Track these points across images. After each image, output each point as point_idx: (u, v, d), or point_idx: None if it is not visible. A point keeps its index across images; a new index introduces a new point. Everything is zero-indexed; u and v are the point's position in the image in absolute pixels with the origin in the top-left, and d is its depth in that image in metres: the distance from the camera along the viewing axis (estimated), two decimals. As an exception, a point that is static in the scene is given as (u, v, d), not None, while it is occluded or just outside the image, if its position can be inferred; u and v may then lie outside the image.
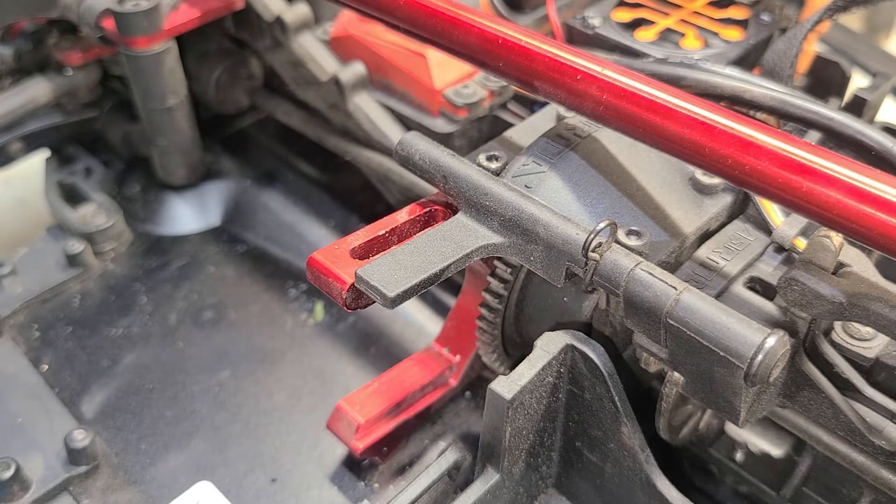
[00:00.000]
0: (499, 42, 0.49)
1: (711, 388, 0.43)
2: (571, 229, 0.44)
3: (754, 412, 0.44)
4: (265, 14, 0.76)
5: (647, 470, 0.49)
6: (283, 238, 0.79)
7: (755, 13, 0.73)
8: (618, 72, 0.45)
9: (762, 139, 0.40)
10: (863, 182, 0.38)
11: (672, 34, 0.71)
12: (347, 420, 0.59)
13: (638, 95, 0.44)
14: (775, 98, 0.52)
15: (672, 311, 0.41)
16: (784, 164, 0.39)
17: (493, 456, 0.49)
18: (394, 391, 0.60)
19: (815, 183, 0.39)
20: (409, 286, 0.43)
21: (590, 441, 0.51)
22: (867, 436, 0.43)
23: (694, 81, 0.54)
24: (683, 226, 0.50)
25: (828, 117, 0.51)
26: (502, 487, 0.50)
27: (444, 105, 0.69)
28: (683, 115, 0.43)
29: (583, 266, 0.44)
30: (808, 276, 0.42)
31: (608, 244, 0.44)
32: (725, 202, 0.52)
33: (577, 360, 0.48)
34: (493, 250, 0.47)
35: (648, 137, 0.44)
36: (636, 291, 0.42)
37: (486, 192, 0.47)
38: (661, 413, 0.48)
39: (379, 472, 0.59)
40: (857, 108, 0.64)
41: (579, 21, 0.72)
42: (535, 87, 0.48)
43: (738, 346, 0.39)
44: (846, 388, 0.44)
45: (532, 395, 0.48)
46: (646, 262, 0.43)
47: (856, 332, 0.45)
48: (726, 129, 0.41)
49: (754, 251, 0.50)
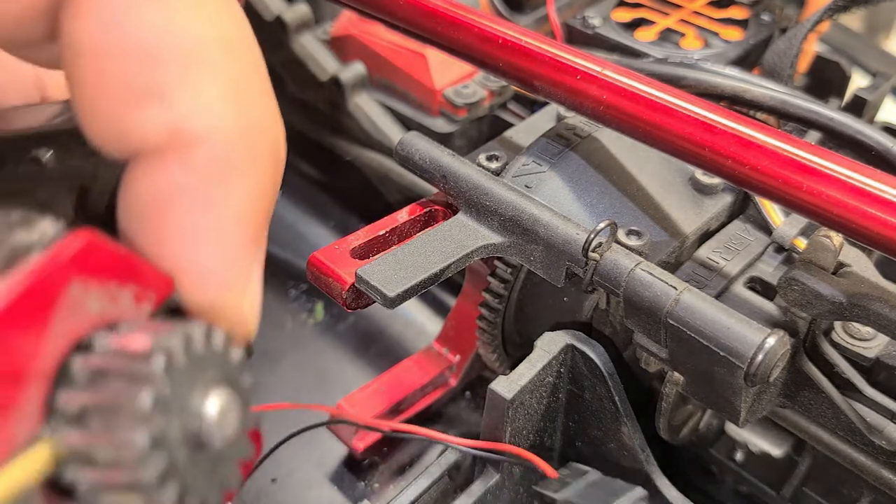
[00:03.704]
0: (499, 42, 0.49)
1: (711, 388, 0.43)
2: (571, 229, 0.44)
3: (754, 412, 0.44)
4: (265, 13, 0.76)
5: (647, 470, 0.49)
6: (283, 238, 0.79)
7: (755, 13, 0.73)
8: (618, 72, 0.45)
9: (762, 139, 0.40)
10: (863, 182, 0.38)
11: (672, 34, 0.71)
12: (347, 420, 0.59)
13: (638, 95, 0.44)
14: (775, 98, 0.52)
15: (672, 310, 0.41)
16: (784, 163, 0.39)
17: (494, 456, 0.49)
18: (394, 391, 0.60)
19: (815, 183, 0.39)
20: (409, 286, 0.43)
21: (590, 441, 0.51)
22: (867, 436, 0.43)
23: (694, 81, 0.54)
24: (683, 226, 0.50)
25: (828, 117, 0.51)
26: (502, 487, 0.50)
27: (443, 105, 0.69)
28: (683, 114, 0.43)
29: (583, 266, 0.44)
30: (809, 276, 0.42)
31: (608, 244, 0.44)
32: (725, 202, 0.52)
33: (577, 360, 0.48)
34: (493, 250, 0.47)
35: (648, 137, 0.44)
36: (636, 291, 0.42)
37: (486, 191, 0.47)
38: (661, 413, 0.48)
39: (379, 472, 0.59)
40: (857, 108, 0.64)
41: (579, 21, 0.72)
42: (534, 86, 0.48)
43: (738, 346, 0.39)
44: (846, 388, 0.44)
45: (532, 395, 0.48)
46: (646, 262, 0.43)
47: (856, 332, 0.45)
48: (726, 128, 0.41)
49: (754, 251, 0.50)
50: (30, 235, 0.24)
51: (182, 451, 0.22)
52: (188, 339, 0.23)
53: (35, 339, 0.22)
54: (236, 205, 0.25)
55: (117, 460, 0.21)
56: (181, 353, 0.22)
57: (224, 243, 0.26)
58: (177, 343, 0.22)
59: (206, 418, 0.22)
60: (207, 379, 0.23)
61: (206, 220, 0.25)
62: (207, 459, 0.23)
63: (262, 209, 0.26)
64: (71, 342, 0.23)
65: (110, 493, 0.22)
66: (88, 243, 0.23)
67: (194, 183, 0.25)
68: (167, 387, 0.22)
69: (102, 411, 0.22)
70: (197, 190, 0.25)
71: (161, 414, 0.21)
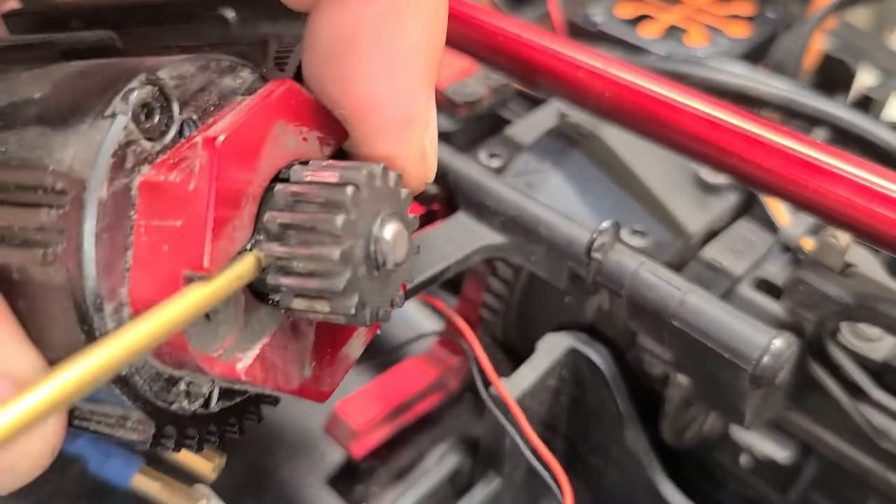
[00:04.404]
0: (500, 38, 0.48)
1: (717, 391, 0.42)
2: (574, 229, 0.44)
3: (760, 415, 0.44)
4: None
5: (650, 474, 0.48)
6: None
7: (761, 9, 0.72)
8: (621, 68, 0.45)
9: (768, 137, 0.40)
10: (870, 180, 0.37)
11: (676, 30, 0.70)
12: (345, 424, 0.58)
13: (642, 92, 0.44)
14: (781, 95, 0.52)
15: (677, 312, 0.41)
16: (791, 161, 0.39)
17: (495, 460, 0.48)
18: (393, 394, 0.59)
19: (822, 181, 0.38)
20: (409, 286, 0.42)
21: (592, 445, 0.51)
22: (874, 439, 0.43)
23: (699, 78, 0.54)
24: (688, 225, 0.49)
25: (835, 115, 0.50)
26: (504, 492, 0.49)
27: (443, 103, 0.69)
28: (688, 112, 0.42)
29: (586, 266, 0.43)
30: (815, 277, 0.41)
31: (611, 244, 0.43)
32: (731, 201, 0.52)
33: (579, 362, 0.48)
34: (494, 250, 0.46)
35: (652, 135, 0.44)
36: (640, 292, 0.42)
37: (486, 190, 0.47)
38: (666, 416, 0.48)
39: (378, 476, 0.59)
40: (864, 105, 0.64)
41: (582, 17, 0.71)
42: (536, 83, 0.48)
43: (743, 348, 0.39)
44: (853, 391, 0.44)
45: (534, 399, 0.47)
46: (650, 262, 0.43)
47: (863, 334, 0.45)
48: (732, 126, 0.41)
49: (760, 251, 0.50)
50: (234, 81, 0.30)
51: (363, 268, 0.27)
52: (371, 174, 0.27)
53: (249, 166, 0.27)
54: (413, 38, 0.28)
55: (312, 271, 0.26)
56: (365, 186, 0.26)
57: (405, 75, 0.28)
58: (362, 177, 0.26)
59: (382, 243, 0.27)
60: (384, 210, 0.27)
61: (388, 54, 0.28)
62: (381, 277, 0.28)
63: (436, 43, 0.29)
64: (274, 172, 0.28)
65: (302, 299, 0.27)
66: (289, 89, 0.29)
67: (373, 20, 0.28)
68: (354, 213, 0.26)
69: (301, 229, 0.26)
70: (376, 26, 0.28)
71: (349, 235, 0.26)
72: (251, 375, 0.28)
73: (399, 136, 0.29)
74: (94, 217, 0.26)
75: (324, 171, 0.27)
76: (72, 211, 0.26)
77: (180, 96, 0.28)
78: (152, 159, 0.27)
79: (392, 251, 0.27)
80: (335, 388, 0.33)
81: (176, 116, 0.28)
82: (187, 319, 0.25)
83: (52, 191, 0.27)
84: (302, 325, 0.31)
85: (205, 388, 0.31)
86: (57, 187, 0.27)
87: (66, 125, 0.27)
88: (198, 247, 0.25)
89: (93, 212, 0.26)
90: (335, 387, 0.33)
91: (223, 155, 0.26)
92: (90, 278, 0.26)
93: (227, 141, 0.26)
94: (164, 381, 0.29)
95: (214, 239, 0.26)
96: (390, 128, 0.29)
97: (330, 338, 0.32)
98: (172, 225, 0.26)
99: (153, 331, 0.23)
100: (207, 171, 0.26)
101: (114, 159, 0.26)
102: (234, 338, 0.28)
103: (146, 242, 0.26)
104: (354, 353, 0.34)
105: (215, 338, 0.28)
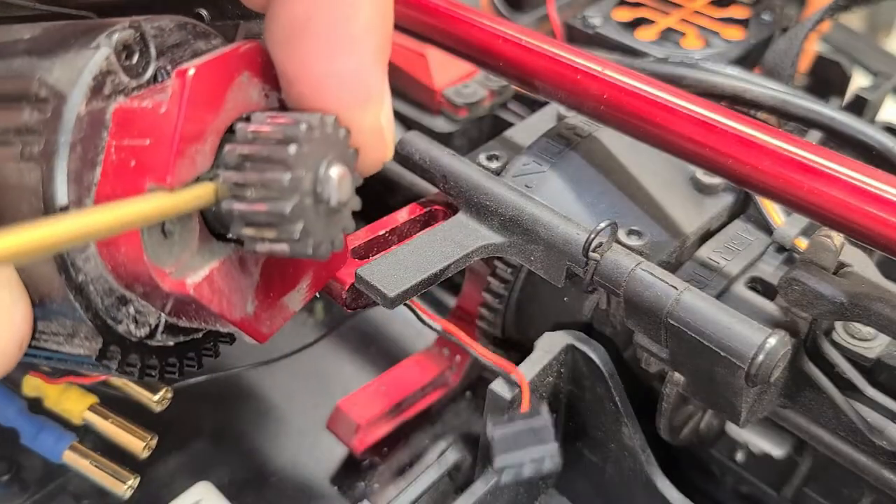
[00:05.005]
0: (499, 41, 0.49)
1: (712, 389, 0.43)
2: (572, 229, 0.44)
3: (755, 412, 0.44)
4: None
5: (647, 470, 0.49)
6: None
7: (756, 12, 0.73)
8: (618, 71, 0.45)
9: (763, 139, 0.40)
10: (864, 182, 0.38)
11: (673, 34, 0.71)
12: (347, 420, 0.59)
13: (638, 95, 0.44)
14: (776, 97, 0.52)
15: (673, 311, 0.41)
16: (785, 163, 0.39)
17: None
18: (394, 391, 0.60)
19: (816, 182, 0.39)
20: (409, 286, 0.42)
21: (590, 441, 0.51)
22: (868, 436, 0.43)
23: (695, 81, 0.54)
24: (684, 226, 0.50)
25: (829, 117, 0.50)
26: (503, 488, 0.49)
27: (444, 104, 0.69)
28: (684, 114, 0.42)
29: (583, 266, 0.44)
30: (809, 276, 0.41)
31: (609, 244, 0.44)
32: (726, 202, 0.52)
33: (577, 360, 0.48)
34: (493, 250, 0.47)
35: (649, 137, 0.44)
36: (637, 291, 0.42)
37: (486, 191, 0.47)
38: (662, 413, 0.48)
39: (379, 472, 0.59)
40: (858, 107, 0.64)
41: (580, 20, 0.72)
42: (535, 86, 0.48)
43: (739, 346, 0.39)
44: (847, 389, 0.44)
45: (532, 396, 0.48)
46: (646, 262, 0.43)
47: (857, 333, 0.45)
48: (727, 128, 0.41)
49: (755, 251, 0.50)
50: (207, 45, 0.34)
51: (309, 199, 0.29)
52: (322, 120, 0.30)
53: (216, 102, 0.30)
54: (363, 18, 0.30)
55: (264, 196, 0.29)
56: (318, 128, 0.29)
57: (357, 52, 0.30)
58: (315, 119, 0.29)
59: (328, 181, 0.30)
60: (331, 154, 0.30)
61: (340, 33, 0.30)
62: (325, 214, 0.30)
63: (385, 22, 0.31)
64: (237, 114, 0.31)
65: (252, 228, 0.29)
66: (257, 47, 0.32)
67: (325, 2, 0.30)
68: (306, 146, 0.29)
69: (256, 159, 0.29)
70: (328, 8, 0.30)
71: (299, 166, 0.29)
72: (199, 293, 0.31)
73: (354, 112, 0.31)
74: (71, 128, 0.29)
75: (282, 116, 0.30)
76: (52, 119, 0.29)
77: (158, 45, 0.32)
78: (128, 92, 0.31)
79: (336, 190, 0.30)
80: (273, 332, 0.35)
81: (153, 61, 0.32)
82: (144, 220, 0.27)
83: (35, 98, 0.30)
84: (249, 264, 0.33)
85: (152, 319, 0.33)
86: (41, 95, 0.29)
87: (53, 54, 0.30)
88: (163, 163, 0.28)
89: (70, 124, 0.29)
90: (273, 331, 0.35)
91: (193, 85, 0.29)
92: (60, 182, 0.29)
93: (197, 73, 0.29)
94: (116, 298, 0.31)
95: (178, 157, 0.28)
96: (346, 104, 0.31)
97: (273, 283, 0.35)
98: (141, 144, 0.29)
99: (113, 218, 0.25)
100: (178, 97, 0.29)
101: (94, 82, 0.29)
102: (187, 260, 0.31)
103: (115, 160, 0.29)
104: (294, 304, 0.36)
105: (169, 255, 0.30)
